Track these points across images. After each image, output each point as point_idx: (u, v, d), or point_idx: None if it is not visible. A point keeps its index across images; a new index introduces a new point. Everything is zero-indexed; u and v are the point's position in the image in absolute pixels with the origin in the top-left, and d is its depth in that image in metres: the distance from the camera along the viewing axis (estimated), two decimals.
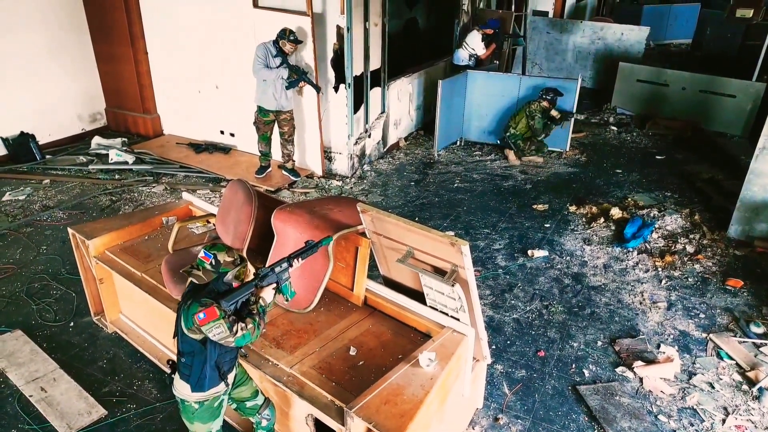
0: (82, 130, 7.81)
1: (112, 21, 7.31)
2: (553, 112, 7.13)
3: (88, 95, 7.79)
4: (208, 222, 4.13)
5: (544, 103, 7.08)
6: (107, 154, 7.02)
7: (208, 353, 2.52)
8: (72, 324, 4.27)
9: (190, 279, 2.59)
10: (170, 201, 5.66)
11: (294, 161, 6.58)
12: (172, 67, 7.37)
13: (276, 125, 6.31)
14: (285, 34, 5.78)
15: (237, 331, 2.40)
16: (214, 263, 2.49)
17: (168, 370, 2.75)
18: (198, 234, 4.14)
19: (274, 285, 2.64)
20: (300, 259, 2.77)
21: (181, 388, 2.62)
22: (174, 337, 2.61)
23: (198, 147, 7.27)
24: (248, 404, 2.86)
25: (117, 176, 6.72)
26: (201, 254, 2.51)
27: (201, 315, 2.34)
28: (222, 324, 2.35)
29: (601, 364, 4.00)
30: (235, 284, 2.55)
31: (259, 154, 6.52)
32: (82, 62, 7.60)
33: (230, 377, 2.68)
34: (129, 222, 4.12)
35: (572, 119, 7.40)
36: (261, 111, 6.13)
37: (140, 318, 4.03)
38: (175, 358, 2.67)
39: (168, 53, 7.32)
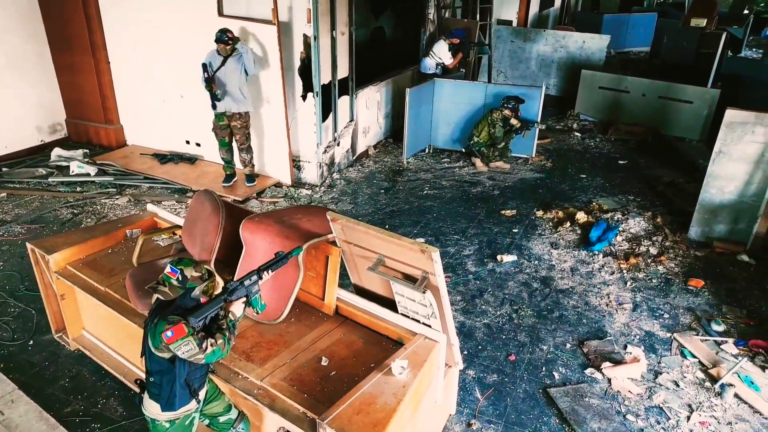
0: (41, 141, 7.59)
1: (72, 31, 7.15)
2: (513, 121, 7.24)
3: (47, 106, 7.58)
4: (174, 234, 4.05)
5: (506, 112, 7.19)
6: (68, 166, 6.83)
7: (177, 371, 2.46)
8: (31, 342, 4.12)
9: (155, 296, 2.52)
10: (134, 213, 5.53)
11: (252, 167, 6.50)
12: (136, 77, 7.23)
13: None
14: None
15: (206, 348, 2.35)
16: (180, 278, 2.43)
17: (137, 389, 2.67)
18: (164, 246, 4.05)
19: (244, 299, 2.59)
20: (270, 271, 2.72)
21: (150, 408, 2.56)
22: (142, 356, 2.54)
23: (163, 157, 7.14)
24: (221, 419, 2.81)
25: (78, 188, 6.54)
26: (167, 269, 2.45)
27: (168, 333, 2.28)
28: (191, 341, 2.29)
29: (571, 366, 4.06)
30: (203, 299, 2.49)
31: (223, 163, 6.48)
32: (40, 72, 7.40)
33: (201, 394, 2.63)
34: (91, 235, 4.01)
35: (536, 128, 7.53)
36: (215, 114, 6.11)
37: (104, 334, 3.91)
38: (143, 377, 2.60)
39: (131, 63, 7.18)
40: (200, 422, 2.74)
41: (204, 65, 5.88)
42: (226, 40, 5.73)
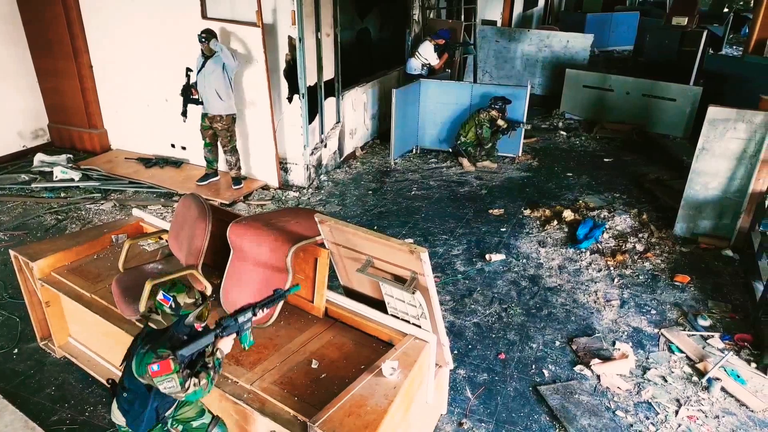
0: (23, 147, 7.49)
1: (53, 35, 7.06)
2: (500, 122, 7.28)
3: (29, 111, 7.48)
4: (161, 238, 4.01)
5: (493, 112, 7.22)
6: (51, 172, 6.75)
7: (151, 399, 2.44)
8: (16, 351, 4.06)
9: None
10: (120, 218, 5.48)
11: (238, 169, 6.48)
12: (119, 81, 7.16)
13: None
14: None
15: (189, 387, 2.31)
16: (174, 306, 2.39)
17: (108, 387, 2.65)
18: (150, 251, 4.01)
19: (235, 335, 2.55)
20: (265, 308, 2.67)
21: (118, 417, 2.54)
22: (121, 365, 2.50)
23: (148, 161, 7.08)
24: (195, 424, 2.75)
25: (62, 194, 6.46)
26: (159, 296, 2.40)
27: (155, 367, 2.24)
28: (175, 378, 2.26)
29: (560, 363, 4.08)
30: (197, 325, 2.45)
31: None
32: (21, 78, 7.30)
33: (169, 412, 2.61)
34: (76, 241, 3.96)
35: (522, 128, 7.58)
36: (200, 116, 6.11)
37: (91, 341, 3.86)
38: (117, 377, 2.57)
39: (114, 67, 7.11)
40: (174, 429, 2.70)
41: (187, 69, 5.87)
42: (201, 40, 5.72)
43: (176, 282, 2.49)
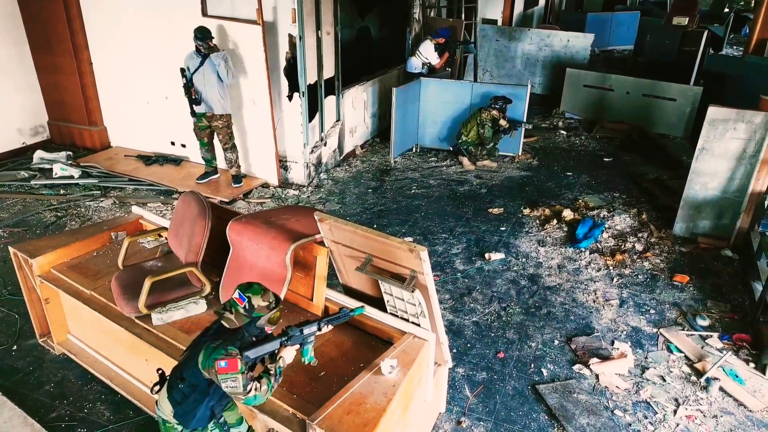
0: (23, 144, 7.48)
1: (53, 32, 7.05)
2: (502, 122, 7.29)
3: (28, 108, 7.48)
4: (160, 236, 4.01)
5: (494, 112, 7.23)
6: (51, 169, 6.74)
7: (210, 395, 2.41)
8: (15, 347, 4.06)
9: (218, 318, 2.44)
10: (119, 215, 5.47)
11: (238, 167, 6.48)
12: (119, 78, 7.16)
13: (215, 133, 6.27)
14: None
15: (250, 391, 2.28)
16: (248, 307, 2.35)
17: (155, 384, 2.57)
18: (149, 249, 4.02)
19: (298, 346, 2.54)
20: (330, 324, 2.66)
21: (164, 406, 2.49)
22: (183, 354, 2.48)
23: (148, 159, 7.08)
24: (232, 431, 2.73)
25: (62, 191, 6.46)
26: (235, 295, 2.37)
27: (222, 363, 2.21)
28: (239, 379, 2.23)
29: (559, 362, 4.09)
30: (267, 328, 2.43)
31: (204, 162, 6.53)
32: (21, 74, 7.29)
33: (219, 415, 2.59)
34: (76, 238, 3.96)
35: (522, 128, 7.58)
36: (196, 115, 6.09)
37: (90, 338, 3.86)
38: (167, 369, 2.52)
39: (114, 64, 7.10)
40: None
41: (182, 69, 5.85)
42: (198, 38, 5.70)
43: (252, 283, 2.45)
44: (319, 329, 2.60)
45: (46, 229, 5.68)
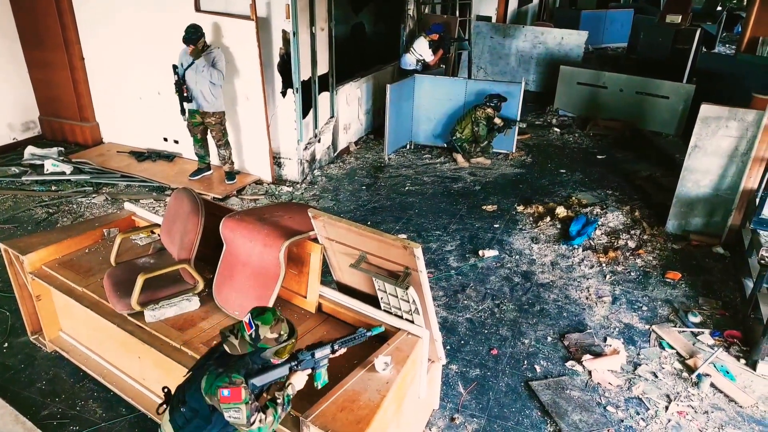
0: (14, 139, 7.42)
1: (44, 26, 6.98)
2: (497, 120, 7.29)
3: (19, 103, 7.41)
4: (153, 232, 3.99)
5: (489, 110, 7.23)
6: (42, 165, 6.69)
7: (213, 423, 2.29)
8: (6, 345, 4.03)
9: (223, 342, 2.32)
10: (111, 212, 5.44)
11: (231, 164, 6.45)
12: (111, 74, 7.10)
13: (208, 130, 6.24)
14: None
15: (254, 422, 2.16)
16: (254, 336, 2.22)
17: (160, 404, 2.47)
18: (142, 245, 4.00)
19: (309, 371, 2.44)
20: (344, 347, 2.56)
21: (167, 429, 2.39)
22: (186, 375, 2.37)
23: (140, 155, 7.03)
24: None
25: (54, 187, 6.41)
26: (245, 319, 2.24)
27: (225, 392, 2.11)
28: (242, 409, 2.12)
29: (552, 359, 4.10)
30: (274, 360, 2.31)
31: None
32: (11, 69, 7.22)
33: None
34: (67, 235, 3.93)
35: (516, 127, 7.59)
36: (188, 111, 6.06)
37: (82, 335, 3.84)
38: (172, 388, 2.41)
39: (106, 59, 7.05)
40: None
41: (174, 66, 5.82)
42: (189, 37, 5.63)
43: (267, 310, 2.30)
44: (333, 352, 2.49)
45: (38, 225, 5.63)
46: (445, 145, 7.80)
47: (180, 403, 2.33)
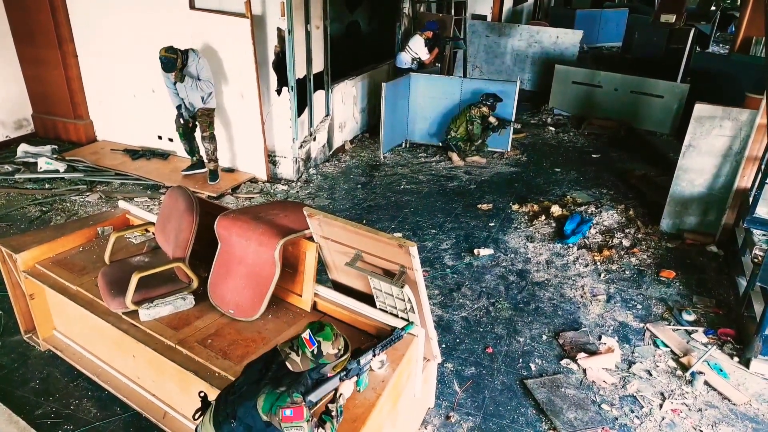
0: (6, 137, 7.36)
1: (36, 23, 6.93)
2: (491, 119, 7.30)
3: (11, 100, 7.36)
4: (147, 231, 3.97)
5: (484, 109, 7.23)
6: (35, 163, 6.64)
7: None
8: None
9: (283, 356, 2.29)
10: (106, 210, 5.41)
11: (215, 161, 6.34)
12: (105, 71, 7.06)
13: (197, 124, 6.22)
14: None
15: None
16: (316, 353, 2.23)
17: (197, 410, 2.42)
18: (136, 244, 3.98)
19: (356, 377, 2.47)
20: (384, 350, 2.65)
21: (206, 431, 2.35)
22: (234, 393, 2.32)
23: (135, 153, 7.00)
24: None
25: (47, 185, 6.37)
26: (305, 335, 2.24)
27: (288, 412, 2.10)
28: (304, 427, 2.11)
29: (547, 357, 4.11)
30: (329, 374, 2.32)
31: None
32: (4, 66, 7.17)
33: None
34: (61, 233, 3.91)
35: (510, 127, 7.60)
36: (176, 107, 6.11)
37: (76, 334, 3.82)
38: (210, 395, 2.38)
39: (100, 56, 7.01)
40: None
41: (178, 107, 6.02)
42: (169, 65, 5.61)
43: (324, 325, 2.31)
44: (374, 355, 2.57)
45: (31, 223, 5.60)
46: (441, 144, 7.80)
47: (230, 418, 2.29)
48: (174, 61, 5.61)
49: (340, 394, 2.39)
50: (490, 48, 11.29)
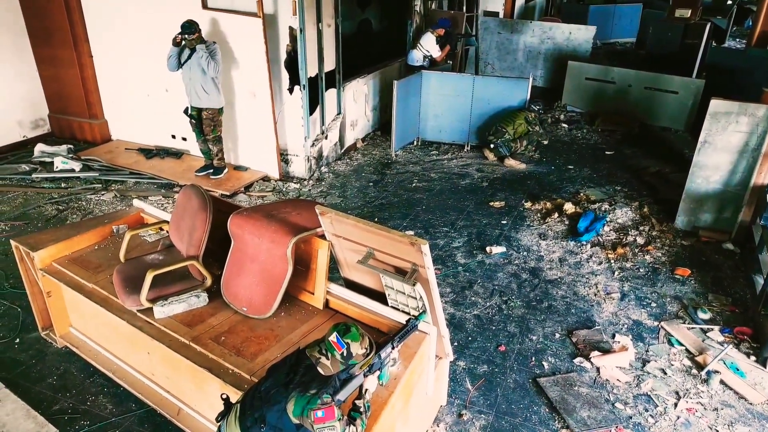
0: (24, 137, 7.47)
1: (52, 23, 7.02)
2: (536, 128, 7.52)
3: (28, 101, 7.46)
4: (161, 229, 4.02)
5: (533, 115, 7.50)
6: (52, 162, 6.74)
7: None
8: (18, 340, 4.07)
9: (310, 359, 2.30)
10: (120, 208, 5.47)
11: (220, 159, 6.43)
12: (119, 71, 7.13)
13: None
14: None
15: None
16: (345, 355, 2.25)
17: (220, 413, 2.42)
18: (151, 242, 4.01)
19: (378, 371, 2.49)
20: (402, 341, 2.68)
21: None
22: (258, 393, 2.34)
23: (149, 152, 7.07)
24: None
25: (63, 184, 6.45)
26: (332, 338, 2.25)
27: (320, 413, 2.12)
28: (337, 427, 2.14)
29: (560, 355, 4.09)
30: (356, 372, 2.35)
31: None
32: (21, 66, 7.26)
33: None
34: (77, 232, 3.96)
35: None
36: (188, 109, 6.13)
37: (92, 331, 3.87)
38: (232, 396, 2.40)
39: (114, 56, 7.08)
40: None
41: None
42: (187, 32, 5.70)
43: (350, 326, 2.32)
44: (393, 347, 2.59)
45: (48, 222, 5.68)
46: (489, 145, 7.50)
47: (259, 422, 2.29)
48: (195, 27, 5.70)
49: (366, 390, 2.41)
50: (502, 45, 11.23)
